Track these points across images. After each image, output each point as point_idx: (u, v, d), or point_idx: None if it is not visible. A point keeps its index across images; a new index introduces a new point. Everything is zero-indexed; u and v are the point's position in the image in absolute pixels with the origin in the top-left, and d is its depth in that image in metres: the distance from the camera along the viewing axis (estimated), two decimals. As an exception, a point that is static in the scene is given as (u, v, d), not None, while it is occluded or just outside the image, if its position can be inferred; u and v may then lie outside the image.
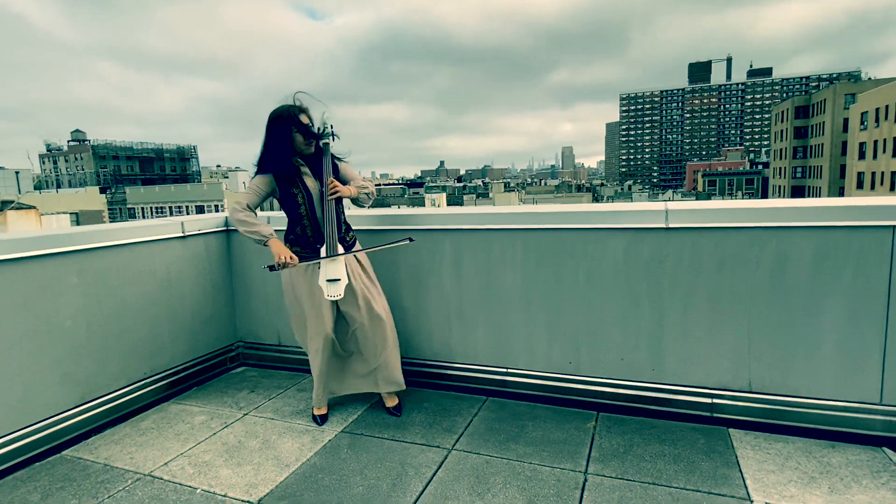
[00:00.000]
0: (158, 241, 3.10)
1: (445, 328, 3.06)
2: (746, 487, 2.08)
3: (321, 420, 2.78)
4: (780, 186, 69.06)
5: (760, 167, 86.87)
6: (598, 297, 2.70)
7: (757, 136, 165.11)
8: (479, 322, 2.98)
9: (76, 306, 2.66)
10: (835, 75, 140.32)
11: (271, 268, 2.51)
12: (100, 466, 2.44)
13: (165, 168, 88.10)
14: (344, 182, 2.68)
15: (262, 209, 2.86)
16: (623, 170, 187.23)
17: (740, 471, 2.20)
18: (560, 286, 2.77)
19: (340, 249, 2.63)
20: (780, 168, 69.79)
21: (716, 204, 2.52)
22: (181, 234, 3.23)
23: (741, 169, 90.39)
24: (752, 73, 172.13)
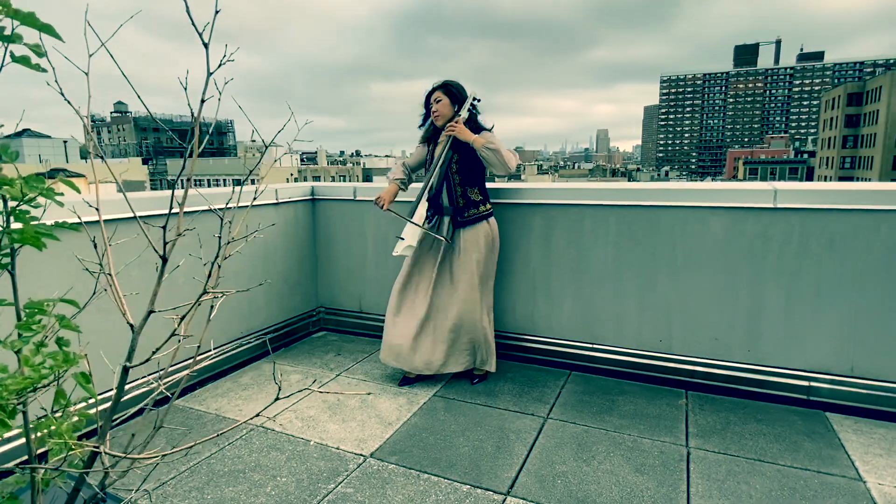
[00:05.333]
0: (255, 207, 3.22)
1: (530, 302, 3.10)
2: (856, 469, 2.08)
3: (405, 382, 2.88)
4: (826, 177, 66.35)
5: (805, 156, 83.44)
6: (694, 275, 2.70)
7: (803, 124, 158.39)
8: (566, 297, 3.01)
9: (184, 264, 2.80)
10: (891, 61, 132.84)
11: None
12: (212, 416, 2.59)
13: (203, 141, 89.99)
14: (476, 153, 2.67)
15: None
16: (660, 155, 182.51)
17: (846, 453, 2.19)
18: (654, 264, 2.77)
19: (421, 211, 2.71)
20: (828, 157, 66.97)
21: (827, 185, 2.47)
22: (275, 201, 3.34)
23: (785, 157, 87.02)
24: (803, 56, 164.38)
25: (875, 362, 2.45)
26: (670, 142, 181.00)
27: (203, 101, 0.79)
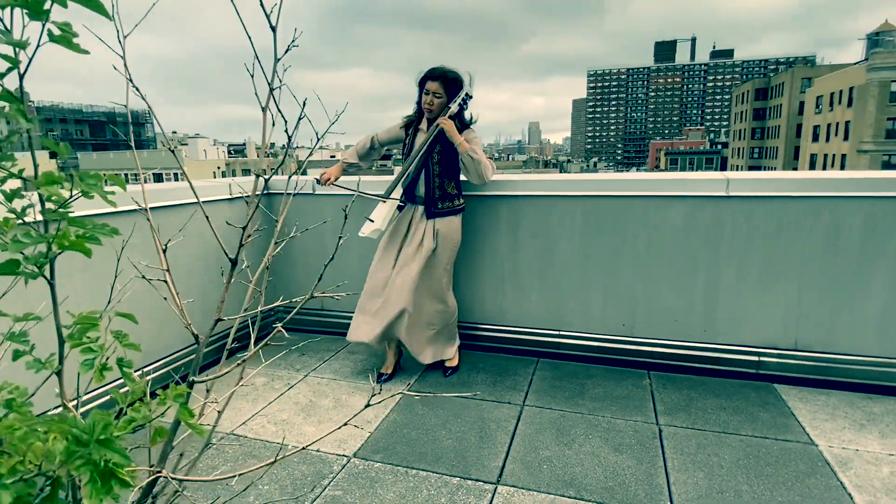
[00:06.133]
0: (209, 203, 3.04)
1: (498, 293, 3.14)
2: (807, 434, 2.28)
3: (382, 379, 2.85)
4: (738, 166, 71.57)
5: (720, 147, 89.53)
6: (656, 262, 2.83)
7: (717, 117, 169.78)
8: (534, 287, 3.07)
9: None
10: (791, 59, 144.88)
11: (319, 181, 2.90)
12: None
13: (118, 133, 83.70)
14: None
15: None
16: (588, 147, 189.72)
17: (797, 420, 2.39)
18: (619, 252, 2.88)
19: (397, 193, 2.69)
20: (739, 148, 72.20)
21: (774, 174, 2.66)
22: (229, 196, 3.17)
23: (702, 148, 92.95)
24: (715, 54, 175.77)
25: (816, 336, 2.68)
26: (598, 134, 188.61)
27: (272, 90, 0.72)
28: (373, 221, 2.69)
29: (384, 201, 2.67)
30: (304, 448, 0.96)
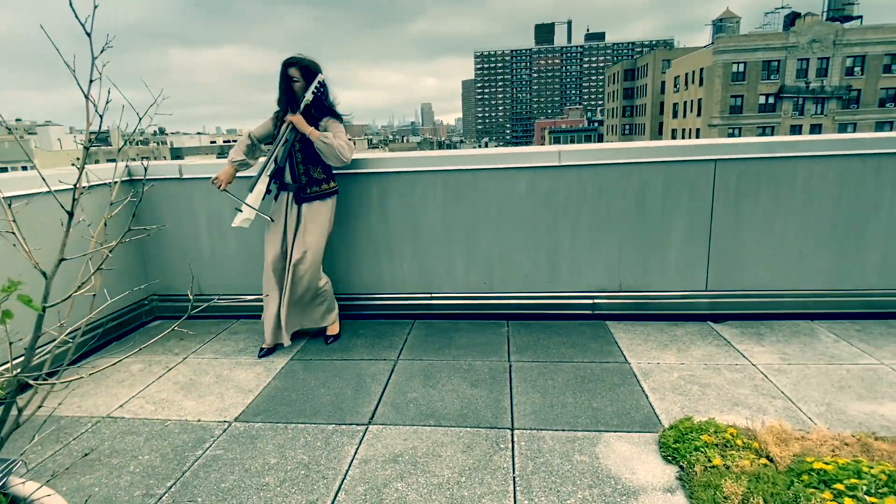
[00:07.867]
0: (62, 192, 2.94)
1: (374, 264, 3.39)
2: (624, 356, 2.81)
3: (265, 353, 2.99)
4: (613, 142, 77.65)
5: (597, 125, 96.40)
6: (506, 226, 3.23)
7: (594, 96, 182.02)
8: (406, 256, 3.36)
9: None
10: (654, 42, 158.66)
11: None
12: (45, 418, 2.41)
13: (-55, 123, 71.06)
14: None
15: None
16: (479, 127, 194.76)
17: (619, 347, 2.92)
18: (476, 220, 3.24)
19: (260, 187, 2.81)
20: (613, 125, 78.30)
21: (595, 146, 3.15)
22: (86, 184, 3.08)
23: (581, 126, 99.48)
24: (589, 37, 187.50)
25: (634, 278, 3.25)
26: (487, 114, 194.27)
27: (91, 81, 0.86)
28: (241, 212, 2.80)
29: (251, 191, 2.78)
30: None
